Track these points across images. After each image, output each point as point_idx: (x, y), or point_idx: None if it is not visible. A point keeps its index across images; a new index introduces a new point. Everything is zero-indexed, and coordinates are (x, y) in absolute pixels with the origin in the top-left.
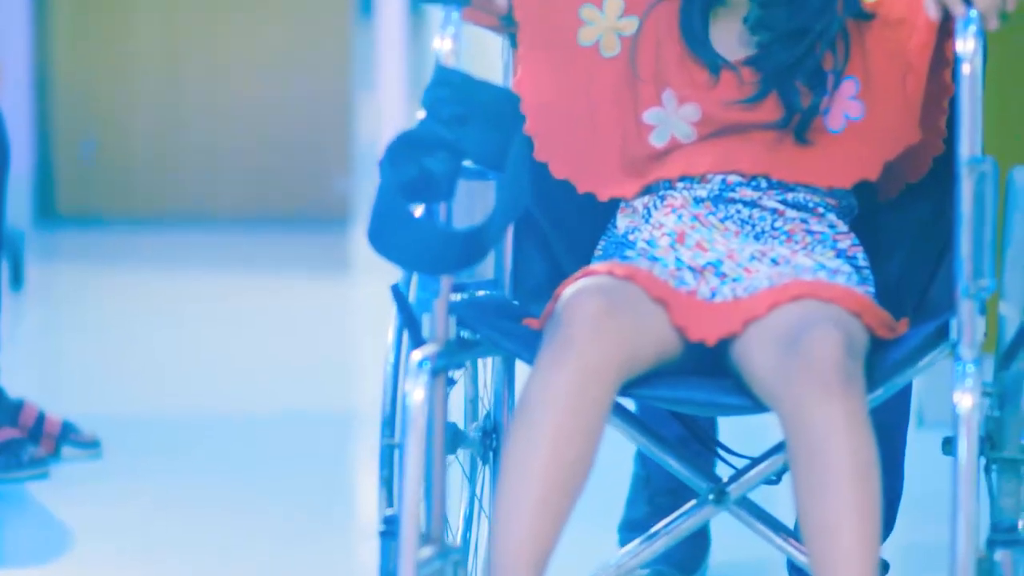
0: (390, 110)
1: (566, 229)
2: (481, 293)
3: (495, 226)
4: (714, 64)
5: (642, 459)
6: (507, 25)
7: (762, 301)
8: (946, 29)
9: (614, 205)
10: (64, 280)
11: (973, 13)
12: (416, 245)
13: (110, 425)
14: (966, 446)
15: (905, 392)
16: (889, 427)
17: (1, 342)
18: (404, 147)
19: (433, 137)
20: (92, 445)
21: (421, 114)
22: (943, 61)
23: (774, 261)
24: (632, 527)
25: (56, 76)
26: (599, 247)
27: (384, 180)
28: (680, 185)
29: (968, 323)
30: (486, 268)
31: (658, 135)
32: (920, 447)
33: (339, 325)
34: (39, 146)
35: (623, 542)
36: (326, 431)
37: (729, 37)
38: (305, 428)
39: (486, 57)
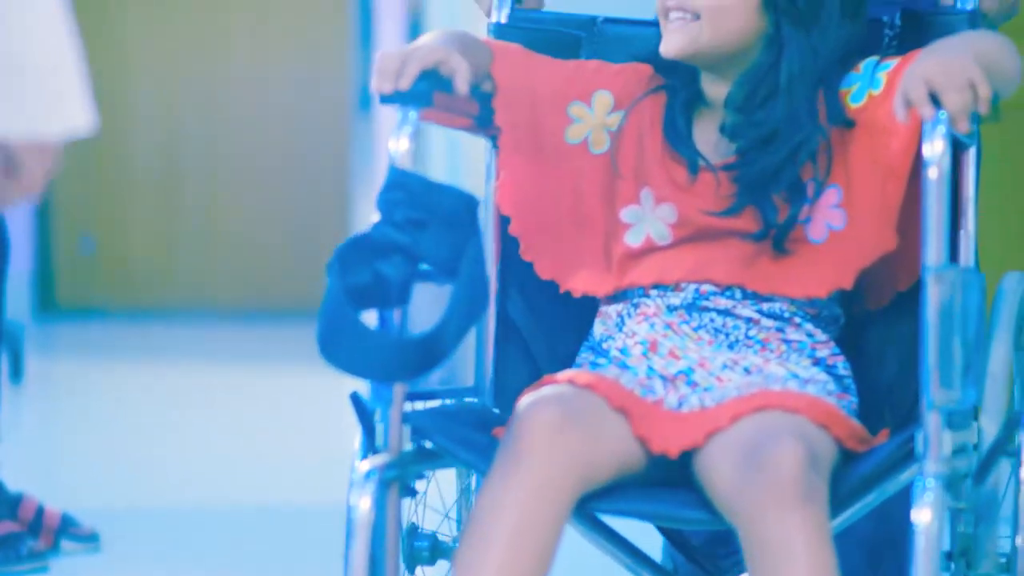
0: None
1: (547, 335)
2: (470, 400)
3: (450, 332)
4: (693, 163)
5: (669, 551)
6: (483, 127)
7: (725, 412)
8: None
9: (595, 311)
10: (64, 373)
11: (942, 115)
12: (365, 353)
13: (109, 519)
14: (924, 565)
15: None
16: (900, 532)
17: (0, 435)
18: (356, 251)
19: (387, 241)
20: (91, 539)
21: (375, 217)
22: (950, 165)
23: (746, 370)
24: None
25: (56, 177)
26: (579, 354)
27: (332, 285)
28: (654, 293)
29: (935, 437)
30: (466, 375)
31: (634, 234)
32: None
33: (337, 419)
34: (39, 239)
35: None
36: (327, 526)
37: (711, 138)
38: (306, 523)
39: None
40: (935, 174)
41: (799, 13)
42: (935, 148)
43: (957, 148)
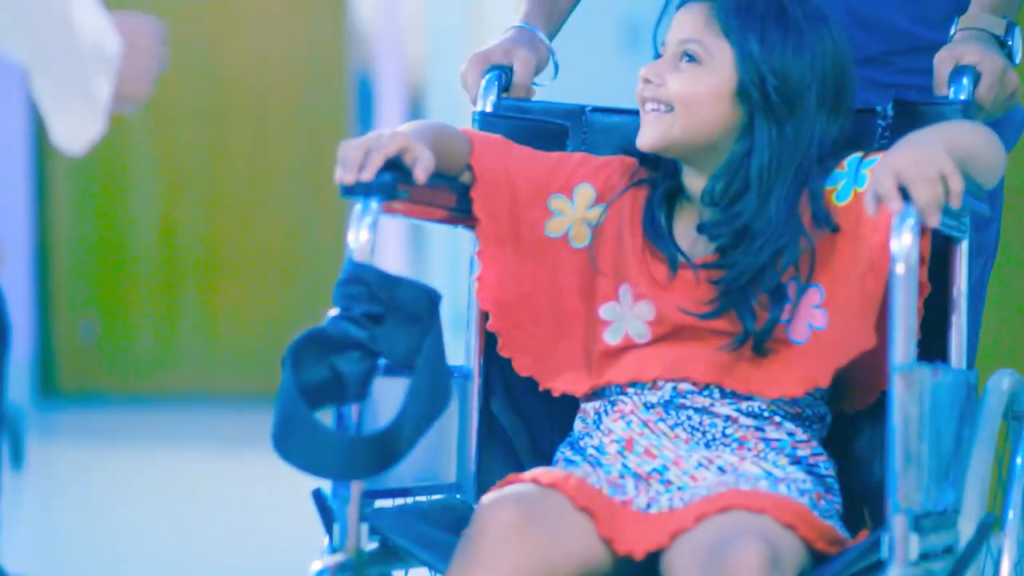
0: None
1: (530, 431)
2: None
3: (407, 429)
4: (673, 259)
5: None
6: (459, 215)
7: (691, 513)
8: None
9: (578, 406)
10: (64, 459)
11: (911, 208)
12: (317, 451)
13: None
14: None
15: None
16: None
17: (1, 521)
18: (312, 346)
19: (344, 336)
20: None
21: (333, 311)
22: (920, 259)
23: (721, 469)
24: None
25: (56, 255)
26: (558, 450)
27: (285, 381)
28: (631, 391)
29: (900, 540)
30: (449, 471)
31: (612, 332)
32: None
33: None
34: (39, 325)
35: None
36: None
37: (692, 232)
38: None
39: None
40: (902, 269)
41: (771, 105)
42: (903, 242)
43: (949, 242)
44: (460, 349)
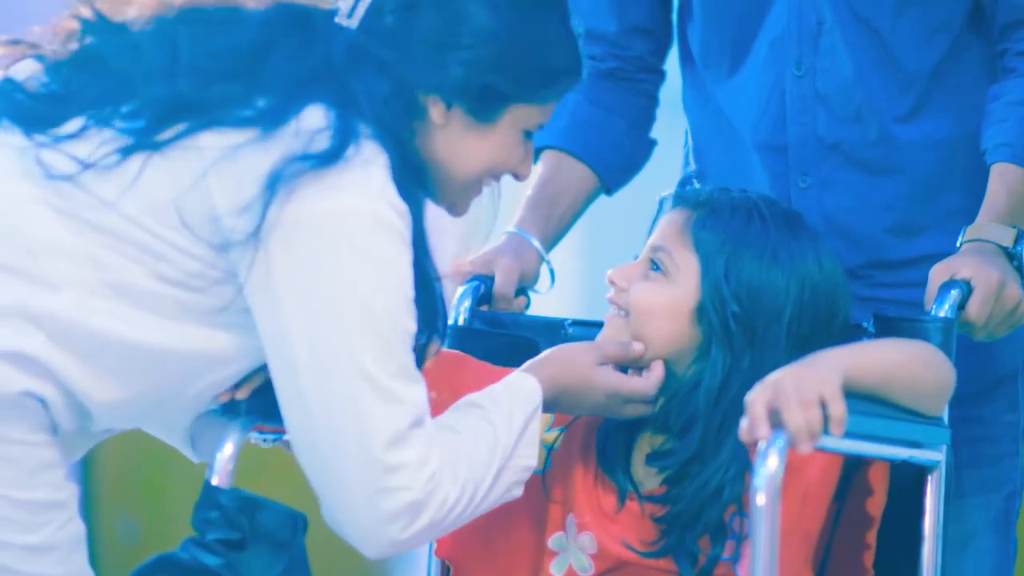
0: None
1: None
2: None
3: None
4: (623, 490)
5: None
6: None
7: None
8: (865, 460)
9: None
10: None
11: (779, 434)
12: None
13: None
14: None
15: None
16: None
17: None
18: (162, 572)
19: (194, 563)
20: None
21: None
22: (866, 489)
23: None
24: None
25: (99, 454)
26: None
27: None
28: None
29: None
30: None
31: (558, 564)
32: None
33: None
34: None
35: None
36: None
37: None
38: None
39: None
40: (762, 500)
41: (730, 333)
42: (767, 469)
43: (923, 471)
44: None
